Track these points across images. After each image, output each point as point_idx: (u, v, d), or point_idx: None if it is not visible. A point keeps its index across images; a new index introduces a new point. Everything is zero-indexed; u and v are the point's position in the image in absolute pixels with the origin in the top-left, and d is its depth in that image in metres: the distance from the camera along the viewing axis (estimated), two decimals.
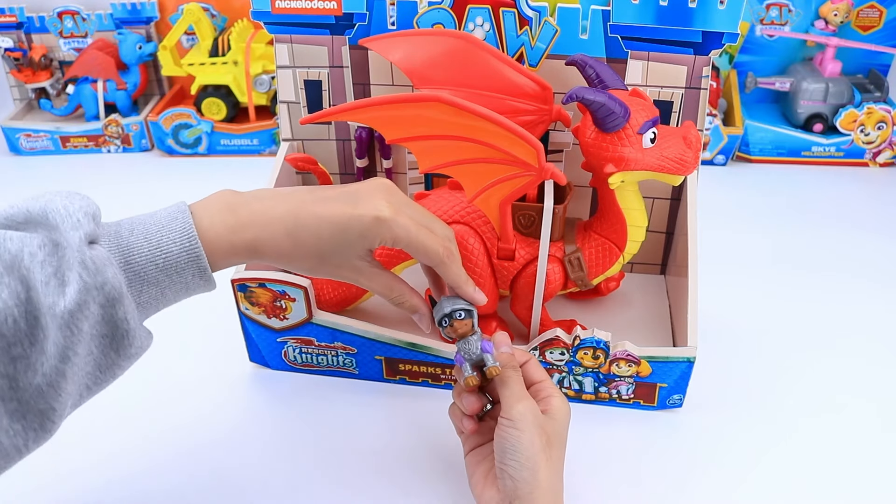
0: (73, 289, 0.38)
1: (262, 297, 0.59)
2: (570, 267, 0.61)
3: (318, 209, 0.45)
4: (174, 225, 0.42)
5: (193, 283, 0.43)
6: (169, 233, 0.42)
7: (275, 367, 0.65)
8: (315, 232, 0.45)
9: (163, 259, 0.42)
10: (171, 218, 0.43)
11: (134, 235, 0.42)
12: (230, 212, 0.44)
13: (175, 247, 0.42)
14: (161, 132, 1.03)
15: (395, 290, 0.50)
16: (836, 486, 0.54)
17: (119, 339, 0.41)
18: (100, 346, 0.41)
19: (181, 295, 0.44)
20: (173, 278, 0.42)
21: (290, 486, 0.54)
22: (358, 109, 0.51)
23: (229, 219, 0.44)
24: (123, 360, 0.43)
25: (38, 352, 0.37)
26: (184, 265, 0.42)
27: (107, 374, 0.42)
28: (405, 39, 0.61)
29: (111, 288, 0.39)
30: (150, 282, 0.42)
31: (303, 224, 0.45)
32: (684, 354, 0.56)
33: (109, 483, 0.55)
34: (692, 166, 0.55)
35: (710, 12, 0.58)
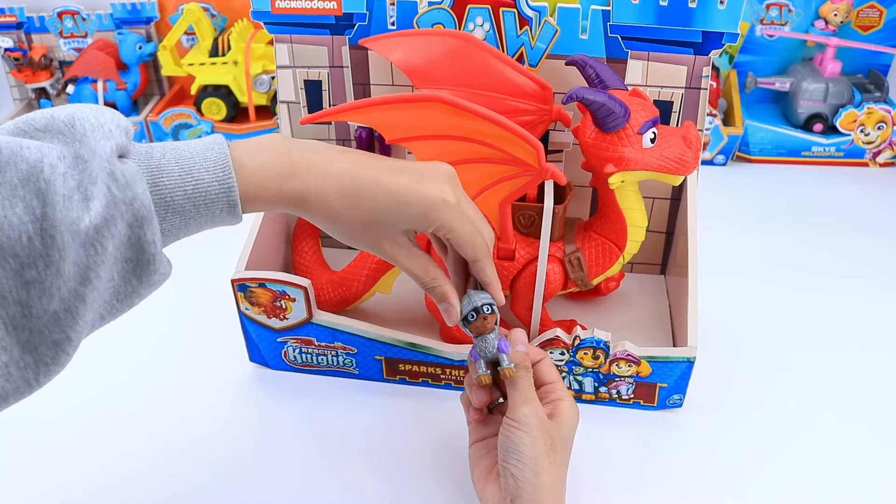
0: (98, 203, 0.35)
1: (262, 297, 0.59)
2: (570, 267, 0.61)
3: (381, 176, 0.43)
4: (209, 154, 0.40)
5: (220, 217, 0.41)
6: (203, 161, 0.40)
7: (275, 367, 0.65)
8: (372, 198, 0.43)
9: (192, 186, 0.39)
10: (206, 148, 0.40)
11: (166, 158, 0.39)
12: (283, 155, 0.42)
13: (207, 175, 0.40)
14: (161, 132, 1.03)
15: (430, 272, 0.47)
16: (835, 486, 0.54)
17: (144, 265, 0.38)
18: (122, 272, 0.38)
19: (205, 226, 0.41)
20: (200, 209, 0.40)
21: (289, 485, 0.54)
22: (358, 109, 0.51)
23: (281, 163, 0.42)
24: (144, 289, 0.39)
25: (54, 274, 0.34)
26: (213, 197, 0.40)
27: (124, 302, 0.39)
28: (405, 39, 0.61)
29: (140, 205, 0.37)
30: (175, 209, 0.39)
31: (361, 186, 0.43)
32: (684, 354, 0.56)
33: (108, 482, 0.55)
34: (692, 166, 0.55)
35: (710, 12, 0.58)
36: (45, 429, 0.59)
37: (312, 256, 0.68)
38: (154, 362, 0.67)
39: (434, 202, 0.43)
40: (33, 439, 0.58)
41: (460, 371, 0.61)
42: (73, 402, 0.62)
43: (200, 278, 0.73)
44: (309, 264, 0.68)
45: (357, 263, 0.65)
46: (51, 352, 0.36)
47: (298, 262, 0.68)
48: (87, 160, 0.36)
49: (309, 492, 0.54)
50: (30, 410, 0.61)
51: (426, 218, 0.44)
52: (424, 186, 0.43)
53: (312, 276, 0.67)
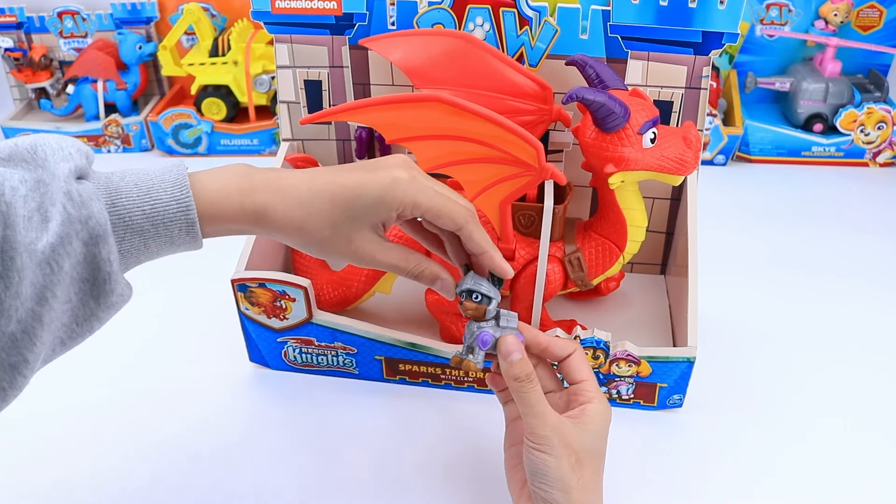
0: (55, 223, 0.36)
1: (262, 297, 0.59)
2: (570, 267, 0.61)
3: (335, 178, 0.43)
4: (167, 176, 0.41)
5: (179, 238, 0.41)
6: (161, 182, 0.41)
7: (275, 367, 0.65)
8: (329, 198, 0.43)
9: (150, 206, 0.40)
10: (165, 170, 0.41)
11: (125, 181, 0.40)
12: (242, 175, 0.43)
13: (165, 195, 0.40)
14: (161, 132, 1.03)
15: (410, 259, 0.47)
16: (836, 485, 0.54)
17: (100, 285, 0.39)
18: (79, 293, 0.38)
19: (164, 249, 0.42)
20: (159, 229, 0.40)
21: (289, 485, 0.54)
22: (358, 109, 0.51)
23: (240, 181, 0.43)
24: (102, 311, 0.40)
25: (13, 296, 0.35)
26: (171, 216, 0.40)
27: (83, 326, 0.39)
28: (405, 39, 0.61)
29: (96, 223, 0.38)
30: (134, 229, 0.40)
31: (317, 191, 0.43)
32: (684, 354, 0.56)
33: (107, 481, 0.55)
34: (692, 166, 0.55)
35: (710, 12, 0.58)
36: (43, 427, 0.59)
37: (313, 256, 0.68)
38: (154, 362, 0.67)
39: (386, 183, 0.43)
40: (32, 438, 0.58)
41: (460, 371, 0.61)
42: (73, 401, 0.62)
43: (200, 278, 0.73)
44: (309, 264, 0.68)
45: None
46: (7, 375, 0.37)
47: (298, 262, 0.68)
48: (47, 183, 0.37)
49: (309, 491, 0.54)
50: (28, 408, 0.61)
51: (383, 201, 0.43)
52: (377, 174, 0.43)
53: (312, 275, 0.67)
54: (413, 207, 0.44)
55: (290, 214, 0.43)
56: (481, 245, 0.45)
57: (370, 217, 0.44)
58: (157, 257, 0.42)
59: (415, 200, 0.43)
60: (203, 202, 0.41)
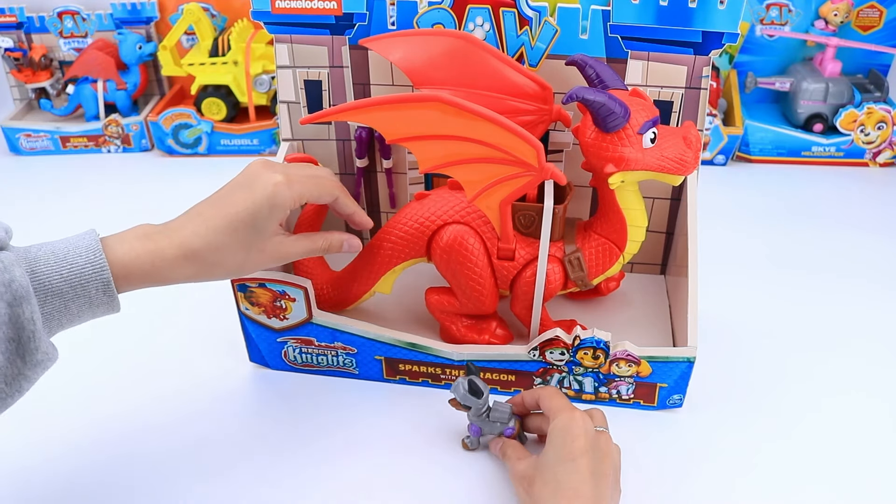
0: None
1: (262, 297, 0.59)
2: (570, 267, 0.61)
3: (220, 209, 0.49)
4: (80, 242, 0.45)
5: (97, 298, 0.45)
6: (75, 248, 0.44)
7: (275, 367, 0.65)
8: (230, 230, 0.48)
9: (67, 269, 0.43)
10: (78, 238, 0.45)
11: (42, 251, 0.44)
12: (146, 235, 0.47)
13: (80, 259, 0.44)
14: (161, 132, 1.03)
15: (317, 240, 0.55)
16: (835, 486, 0.54)
17: (25, 343, 0.41)
18: (6, 353, 0.41)
19: (84, 311, 0.45)
20: (77, 290, 0.44)
21: (289, 485, 0.54)
22: (358, 109, 0.51)
23: (147, 242, 0.47)
24: (29, 370, 0.42)
25: None
26: (88, 276, 0.44)
27: (12, 386, 0.42)
28: (405, 39, 0.61)
29: (18, 286, 0.41)
30: (54, 292, 0.43)
31: (213, 228, 0.48)
32: (684, 354, 0.56)
33: (106, 480, 0.55)
34: (692, 166, 0.55)
35: (710, 12, 0.58)
36: (42, 426, 0.59)
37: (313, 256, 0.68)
38: (154, 362, 0.67)
39: (269, 192, 0.49)
40: (30, 436, 0.58)
41: (460, 371, 0.61)
42: (73, 401, 0.62)
43: None
44: (309, 264, 0.68)
45: (357, 263, 0.65)
46: None
47: (299, 262, 0.68)
48: None
49: (309, 491, 0.54)
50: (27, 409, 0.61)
51: (275, 207, 0.50)
52: (256, 191, 0.49)
53: (313, 275, 0.67)
54: (299, 200, 0.51)
55: (206, 254, 0.48)
56: (350, 207, 0.56)
57: (270, 225, 0.50)
58: (78, 321, 0.45)
59: (300, 194, 0.51)
60: (114, 261, 0.45)
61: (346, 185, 0.73)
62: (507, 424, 0.55)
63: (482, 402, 0.53)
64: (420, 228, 0.61)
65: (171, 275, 0.48)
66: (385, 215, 0.76)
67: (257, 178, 0.50)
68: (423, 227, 0.61)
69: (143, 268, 0.46)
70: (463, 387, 0.53)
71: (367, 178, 0.73)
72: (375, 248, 0.63)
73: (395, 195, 0.73)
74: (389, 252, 0.63)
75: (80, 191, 0.97)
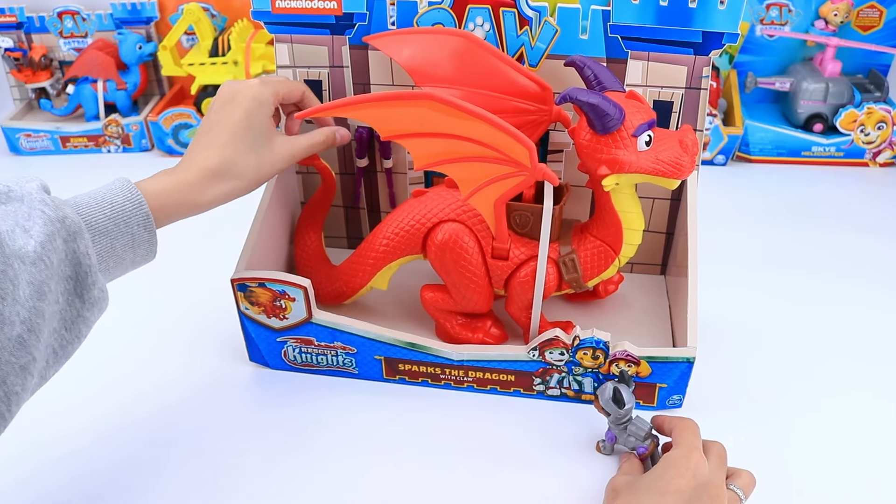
0: (38, 228, 0.40)
1: (261, 296, 0.59)
2: (564, 268, 0.61)
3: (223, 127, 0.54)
4: (114, 186, 0.48)
5: (139, 235, 0.47)
6: (111, 191, 0.47)
7: (274, 367, 0.65)
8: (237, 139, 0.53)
9: (109, 208, 0.46)
10: (110, 184, 0.48)
11: (80, 198, 0.46)
12: (167, 173, 0.52)
13: (119, 197, 0.47)
14: (161, 132, 1.03)
15: (316, 135, 0.60)
16: (835, 486, 0.54)
17: (82, 279, 0.43)
18: (65, 293, 0.42)
19: (127, 252, 0.47)
20: (121, 227, 0.46)
21: (288, 484, 0.54)
22: (351, 105, 0.52)
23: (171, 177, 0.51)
24: (87, 310, 0.44)
25: (10, 303, 0.38)
26: (129, 213, 0.47)
27: (72, 331, 0.43)
28: (408, 38, 0.61)
29: (72, 222, 0.42)
30: (100, 231, 0.45)
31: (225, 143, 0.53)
32: (684, 355, 0.56)
33: (105, 479, 0.55)
34: (688, 171, 0.55)
35: (710, 12, 0.58)
36: (39, 424, 0.59)
37: (314, 250, 0.68)
38: (154, 362, 0.67)
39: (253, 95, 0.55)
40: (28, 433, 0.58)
41: (459, 371, 0.61)
42: (70, 398, 0.62)
43: (201, 278, 0.73)
44: (310, 258, 0.68)
45: (355, 258, 0.65)
46: (20, 379, 0.39)
47: (300, 256, 0.69)
48: (20, 200, 0.42)
49: (308, 491, 0.54)
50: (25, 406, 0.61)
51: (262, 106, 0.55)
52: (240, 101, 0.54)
53: (313, 269, 0.67)
54: (276, 95, 0.56)
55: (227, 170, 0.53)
56: (315, 103, 0.60)
57: (264, 120, 0.55)
58: (122, 268, 0.47)
59: (275, 91, 0.56)
60: (150, 196, 0.48)
61: (346, 184, 0.74)
62: (641, 442, 0.53)
63: (623, 412, 0.53)
64: (416, 226, 0.61)
65: (200, 198, 0.52)
66: (385, 215, 0.76)
67: (237, 92, 0.55)
68: (420, 224, 0.61)
69: (173, 197, 0.50)
70: (608, 392, 0.53)
71: (367, 178, 0.73)
72: (373, 243, 0.63)
73: (395, 195, 0.73)
74: (385, 248, 0.63)
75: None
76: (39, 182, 0.44)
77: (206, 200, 0.52)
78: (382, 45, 0.62)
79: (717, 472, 0.48)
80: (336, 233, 0.77)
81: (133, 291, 0.75)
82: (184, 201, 0.51)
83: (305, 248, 0.68)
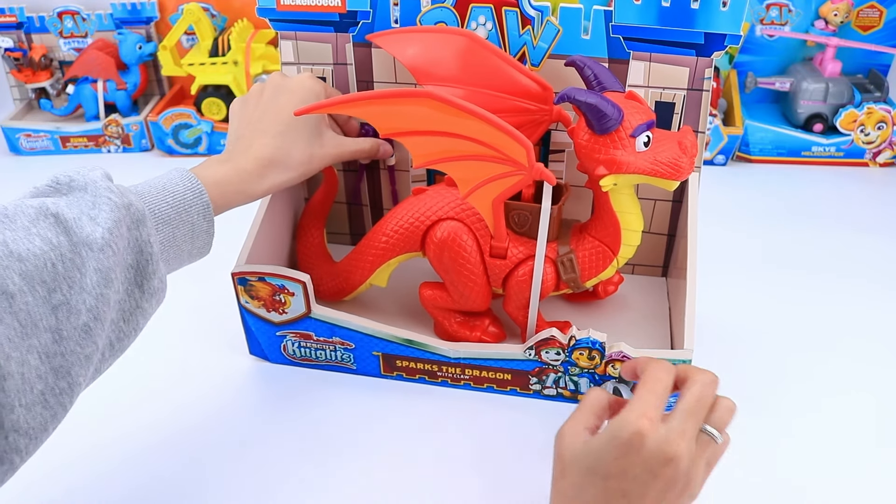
0: (105, 215, 0.40)
1: (261, 290, 0.59)
2: (562, 268, 0.61)
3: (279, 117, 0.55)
4: (173, 175, 0.48)
5: (199, 224, 0.47)
6: (170, 180, 0.47)
7: (274, 361, 0.65)
8: (293, 129, 0.55)
9: (171, 196, 0.46)
10: (169, 173, 0.48)
11: (139, 186, 0.46)
12: (223, 162, 0.52)
13: (179, 186, 0.47)
14: (161, 132, 1.03)
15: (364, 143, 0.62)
16: (833, 487, 0.54)
17: (143, 268, 0.43)
18: (125, 283, 0.42)
19: (186, 242, 0.47)
20: (182, 216, 0.46)
21: (287, 478, 0.54)
22: (351, 103, 0.52)
23: (228, 166, 0.52)
24: (146, 301, 0.43)
25: (78, 291, 0.38)
26: (190, 201, 0.47)
27: (130, 323, 0.43)
28: (410, 36, 0.61)
29: (136, 210, 0.42)
30: (162, 219, 0.45)
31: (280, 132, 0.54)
32: (680, 357, 0.56)
33: (105, 473, 0.55)
34: (686, 172, 0.54)
35: (712, 13, 0.58)
36: None
37: (316, 247, 0.69)
38: (154, 353, 0.66)
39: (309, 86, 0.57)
40: None
41: (456, 368, 0.61)
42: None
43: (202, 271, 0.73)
44: (312, 255, 0.69)
45: (355, 255, 0.65)
46: (83, 370, 0.39)
47: (302, 252, 0.69)
48: (85, 188, 0.42)
49: (306, 485, 0.54)
50: None
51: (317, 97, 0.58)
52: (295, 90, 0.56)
53: (314, 265, 0.67)
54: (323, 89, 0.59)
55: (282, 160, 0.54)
56: None
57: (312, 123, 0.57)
58: (179, 260, 0.47)
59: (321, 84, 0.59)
60: (209, 184, 0.48)
61: (349, 181, 0.74)
62: None
63: None
64: (415, 223, 0.61)
65: (257, 188, 0.52)
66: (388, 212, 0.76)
67: (289, 80, 0.56)
68: (419, 222, 0.61)
69: (231, 186, 0.50)
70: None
71: (370, 175, 0.73)
72: (372, 241, 0.64)
73: (398, 192, 0.73)
74: (385, 245, 0.63)
75: None
76: (102, 171, 0.44)
77: (262, 189, 0.53)
78: (385, 44, 0.62)
79: (677, 432, 0.40)
80: (339, 229, 0.78)
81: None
82: (240, 190, 0.51)
83: (308, 245, 0.68)
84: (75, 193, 0.42)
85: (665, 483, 0.40)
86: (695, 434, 0.41)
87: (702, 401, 0.42)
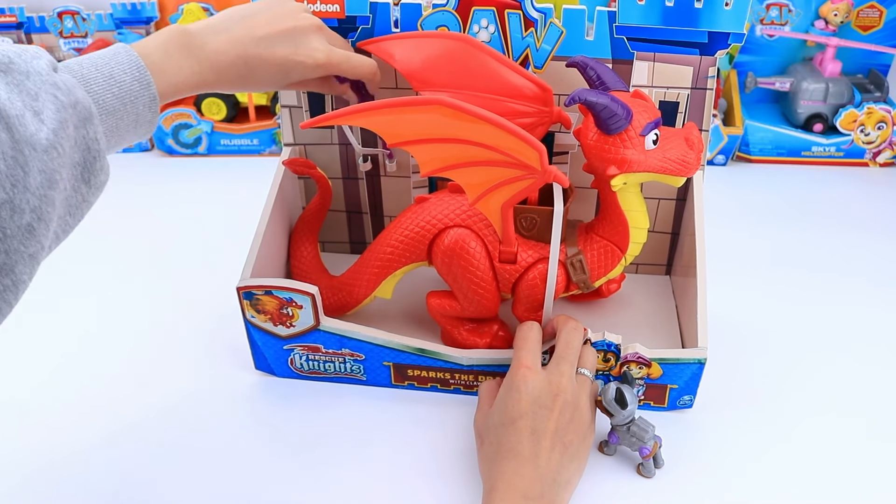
0: (49, 114, 0.38)
1: (268, 304, 0.59)
2: (571, 269, 0.60)
3: (264, 55, 0.53)
4: (121, 58, 0.45)
5: (143, 116, 0.46)
6: (118, 65, 0.45)
7: (281, 375, 0.64)
8: (263, 75, 0.53)
9: (117, 87, 0.44)
10: (114, 53, 0.45)
11: (85, 68, 0.43)
12: (188, 55, 0.49)
13: (127, 77, 0.45)
14: (161, 132, 1.03)
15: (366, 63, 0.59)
16: (844, 485, 0.54)
17: (90, 165, 0.42)
18: (72, 179, 0.41)
19: (131, 130, 0.46)
20: (127, 108, 0.44)
21: (297, 494, 0.54)
22: (359, 113, 0.51)
23: (187, 63, 0.49)
24: (92, 194, 0.43)
25: (21, 190, 0.37)
26: (136, 94, 0.45)
27: (75, 216, 0.42)
28: (403, 42, 0.61)
29: (83, 108, 0.41)
30: (108, 111, 0.43)
31: (251, 68, 0.52)
32: (695, 356, 0.56)
33: (111, 488, 0.54)
34: (694, 167, 0.55)
35: (715, 13, 0.58)
36: (45, 433, 0.59)
37: (311, 261, 0.68)
38: (159, 371, 0.66)
39: (309, 66, 0.55)
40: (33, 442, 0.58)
41: (468, 376, 0.61)
42: (77, 408, 0.61)
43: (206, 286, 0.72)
44: (307, 269, 0.67)
45: (357, 268, 0.64)
46: (27, 268, 0.38)
47: (297, 267, 0.68)
48: (27, 77, 0.39)
49: (316, 500, 0.53)
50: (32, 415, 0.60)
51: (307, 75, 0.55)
52: (299, 53, 0.54)
53: (310, 281, 0.66)
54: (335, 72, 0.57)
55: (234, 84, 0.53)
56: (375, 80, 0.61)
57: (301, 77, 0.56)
58: (121, 144, 0.46)
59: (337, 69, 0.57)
60: (158, 79, 0.46)
61: (349, 190, 0.73)
62: (644, 443, 0.53)
63: (626, 413, 0.53)
64: (421, 232, 0.61)
65: (214, 88, 0.52)
66: (388, 220, 0.75)
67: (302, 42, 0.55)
68: (425, 230, 0.60)
69: (184, 85, 0.49)
70: (611, 392, 0.53)
71: (369, 183, 0.73)
72: (376, 252, 0.63)
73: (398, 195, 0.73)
74: (390, 256, 0.62)
75: None
76: (48, 59, 0.41)
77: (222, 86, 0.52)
78: (377, 50, 0.62)
79: (555, 373, 0.52)
80: (339, 238, 0.77)
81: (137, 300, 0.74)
82: (195, 89, 0.50)
83: (301, 260, 0.67)
84: (13, 76, 0.39)
85: (559, 412, 0.50)
86: (572, 374, 0.53)
87: (570, 346, 0.54)
